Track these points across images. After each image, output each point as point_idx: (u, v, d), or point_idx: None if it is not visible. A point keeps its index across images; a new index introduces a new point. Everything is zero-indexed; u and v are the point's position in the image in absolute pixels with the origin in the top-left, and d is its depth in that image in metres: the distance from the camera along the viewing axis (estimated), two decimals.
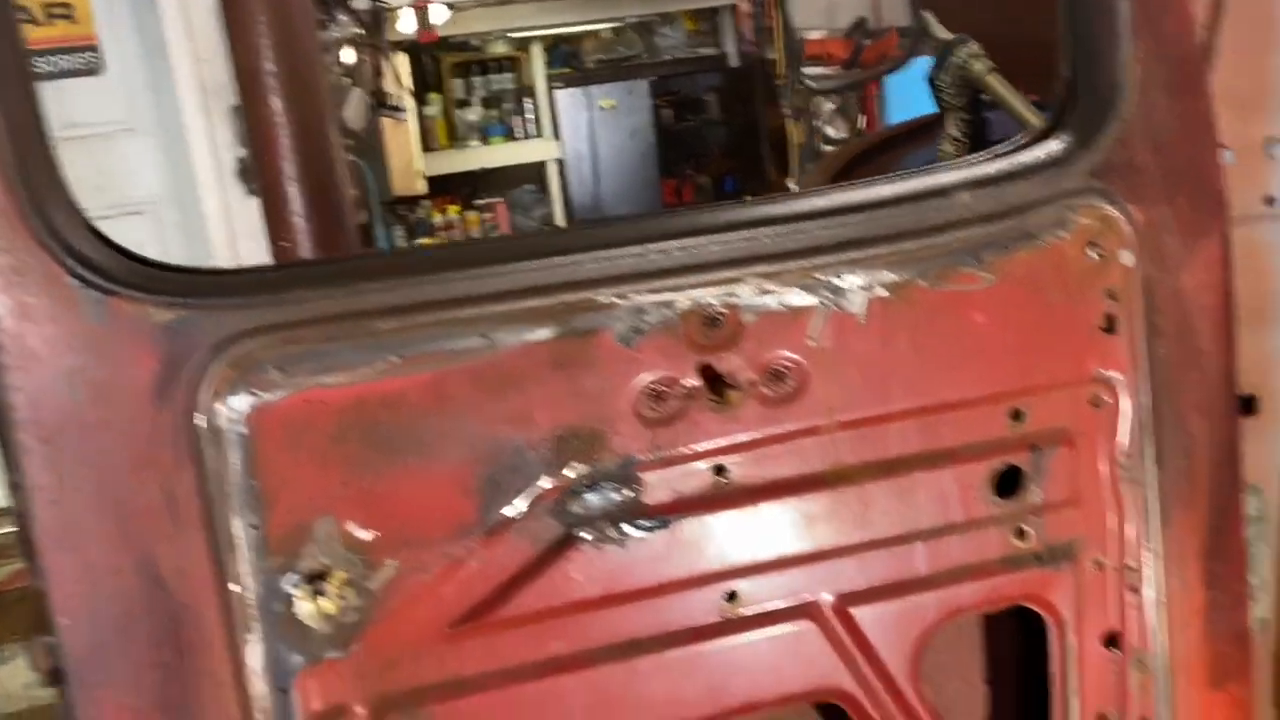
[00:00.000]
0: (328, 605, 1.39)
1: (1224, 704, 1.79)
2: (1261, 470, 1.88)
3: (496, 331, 1.40)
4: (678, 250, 1.44)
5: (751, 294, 1.47)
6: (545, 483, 1.45)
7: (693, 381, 1.48)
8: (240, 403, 1.33)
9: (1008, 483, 1.62)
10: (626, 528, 1.49)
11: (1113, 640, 1.72)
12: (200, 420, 1.31)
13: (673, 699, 1.56)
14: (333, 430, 1.37)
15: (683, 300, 1.46)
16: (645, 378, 1.46)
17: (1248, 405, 1.85)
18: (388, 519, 1.40)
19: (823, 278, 1.49)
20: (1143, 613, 1.71)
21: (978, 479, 1.60)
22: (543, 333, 1.42)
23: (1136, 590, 1.70)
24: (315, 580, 1.38)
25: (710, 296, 1.46)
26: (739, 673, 1.58)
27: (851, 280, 1.49)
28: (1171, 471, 1.66)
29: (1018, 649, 1.86)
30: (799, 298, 1.49)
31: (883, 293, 1.51)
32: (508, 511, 1.45)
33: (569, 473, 1.46)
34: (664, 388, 1.47)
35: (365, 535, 1.40)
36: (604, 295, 1.43)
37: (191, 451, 1.32)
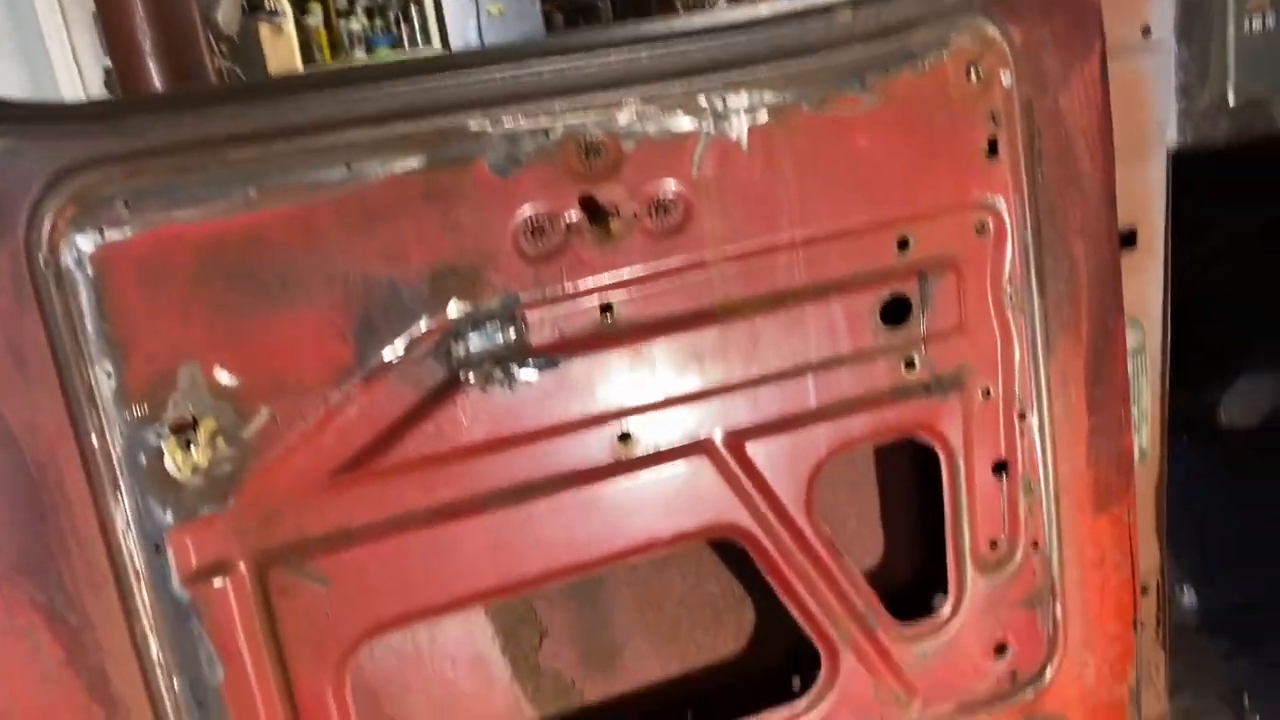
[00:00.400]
0: (198, 457, 1.32)
1: (1107, 526, 1.85)
2: (1141, 304, 1.91)
3: (362, 161, 1.33)
4: (552, 71, 1.37)
5: (631, 119, 1.42)
6: (425, 324, 1.39)
7: (574, 214, 1.43)
8: (85, 241, 1.23)
9: (895, 312, 1.62)
10: (513, 369, 1.45)
11: (1001, 468, 1.75)
12: (42, 260, 1.22)
13: (568, 542, 1.54)
14: (191, 270, 1.29)
15: (559, 126, 1.40)
16: (525, 210, 1.41)
17: (1127, 239, 1.89)
18: (257, 364, 1.34)
19: (704, 102, 1.45)
20: (1030, 439, 1.75)
21: (866, 309, 1.60)
22: (412, 162, 1.35)
23: (1024, 417, 1.73)
24: (183, 431, 1.31)
25: (588, 122, 1.40)
26: (635, 513, 1.56)
27: (733, 103, 1.45)
28: (1054, 296, 1.68)
29: (911, 482, 1.89)
30: (680, 122, 1.44)
31: (765, 117, 1.47)
32: (386, 355, 1.39)
33: (449, 313, 1.40)
34: (545, 221, 1.42)
35: (234, 382, 1.33)
36: (476, 121, 1.36)
37: (36, 295, 1.23)
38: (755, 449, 1.60)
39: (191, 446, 1.31)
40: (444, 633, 1.68)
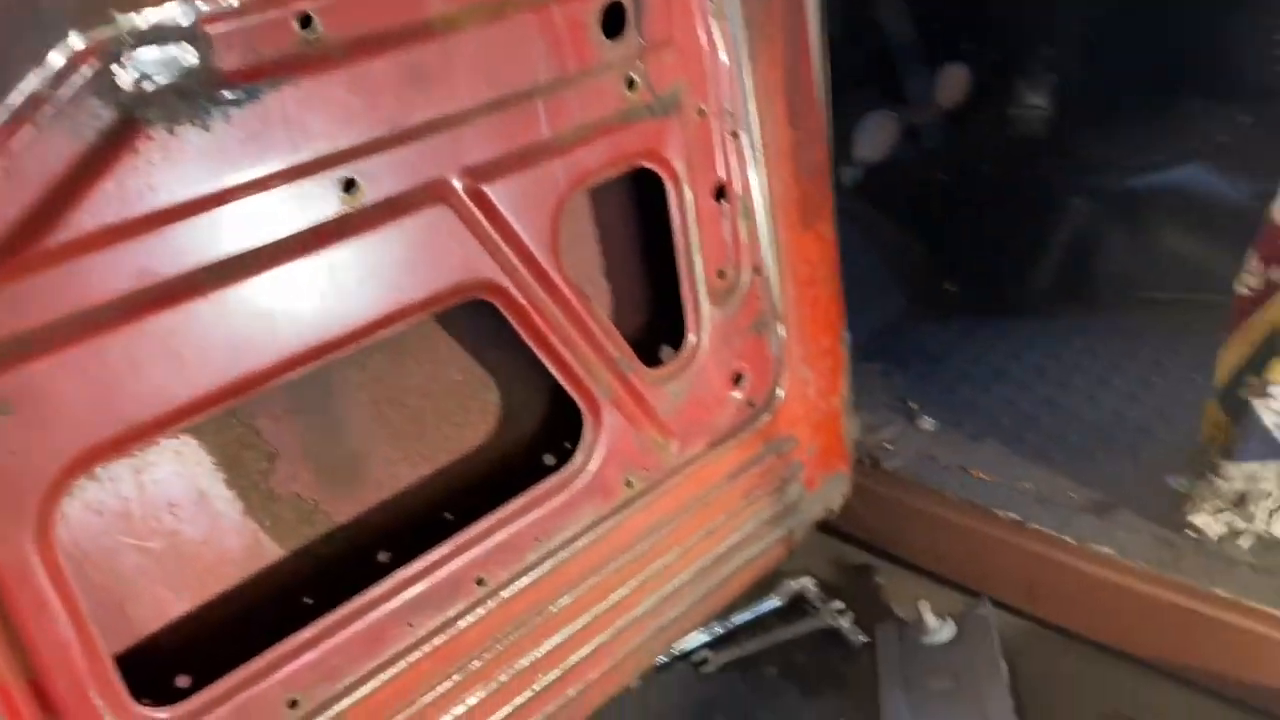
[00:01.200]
0: None
1: (814, 242, 1.91)
2: None
3: None
4: None
5: None
6: (76, 40, 1.05)
7: None
8: None
9: (613, 23, 1.50)
10: (203, 102, 1.14)
11: (721, 192, 1.73)
12: None
13: (305, 321, 1.28)
14: None
15: None
16: None
17: None
18: None
19: None
20: (743, 159, 1.73)
21: (586, 16, 1.45)
22: None
23: (736, 135, 1.70)
24: None
25: None
26: (378, 278, 1.33)
27: None
28: (752, 3, 1.65)
29: (628, 235, 1.81)
30: None
31: None
32: (26, 88, 1.03)
33: (107, 28, 1.07)
34: None
35: None
36: None
37: None
38: (495, 191, 1.42)
39: None
40: (153, 474, 1.36)
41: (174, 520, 1.38)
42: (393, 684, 1.49)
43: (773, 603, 2.30)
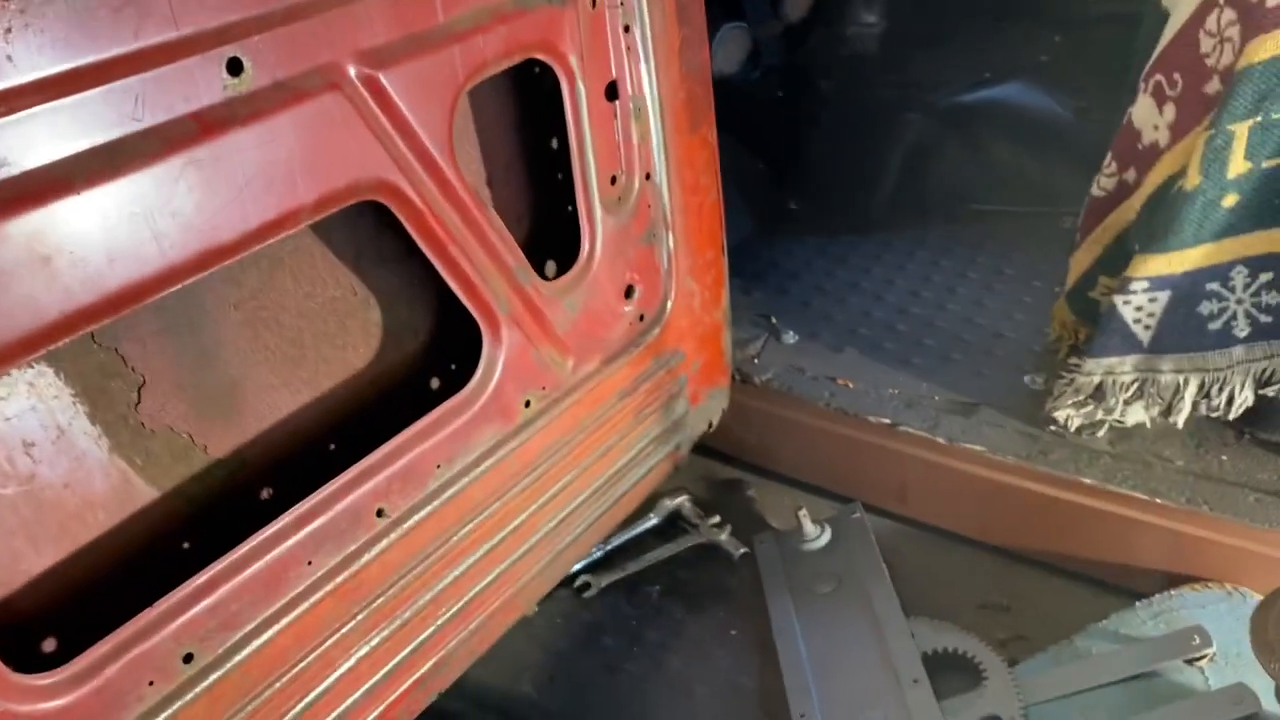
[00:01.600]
0: None
1: (699, 148, 1.85)
2: None
3: None
4: None
5: None
6: None
7: None
8: None
9: None
10: None
11: (613, 91, 1.64)
12: None
13: (181, 224, 1.11)
14: None
15: None
16: None
17: None
18: None
19: None
20: (635, 55, 1.64)
21: None
22: None
23: (629, 29, 1.62)
24: None
25: None
26: (263, 175, 1.17)
27: None
28: None
29: (511, 143, 1.70)
30: None
31: None
32: None
33: None
34: None
35: None
36: None
37: None
38: (391, 79, 1.28)
39: None
40: (3, 411, 1.16)
41: (30, 462, 1.19)
42: (294, 628, 1.36)
43: (650, 522, 2.27)
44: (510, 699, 1.94)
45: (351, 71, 1.24)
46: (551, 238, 1.75)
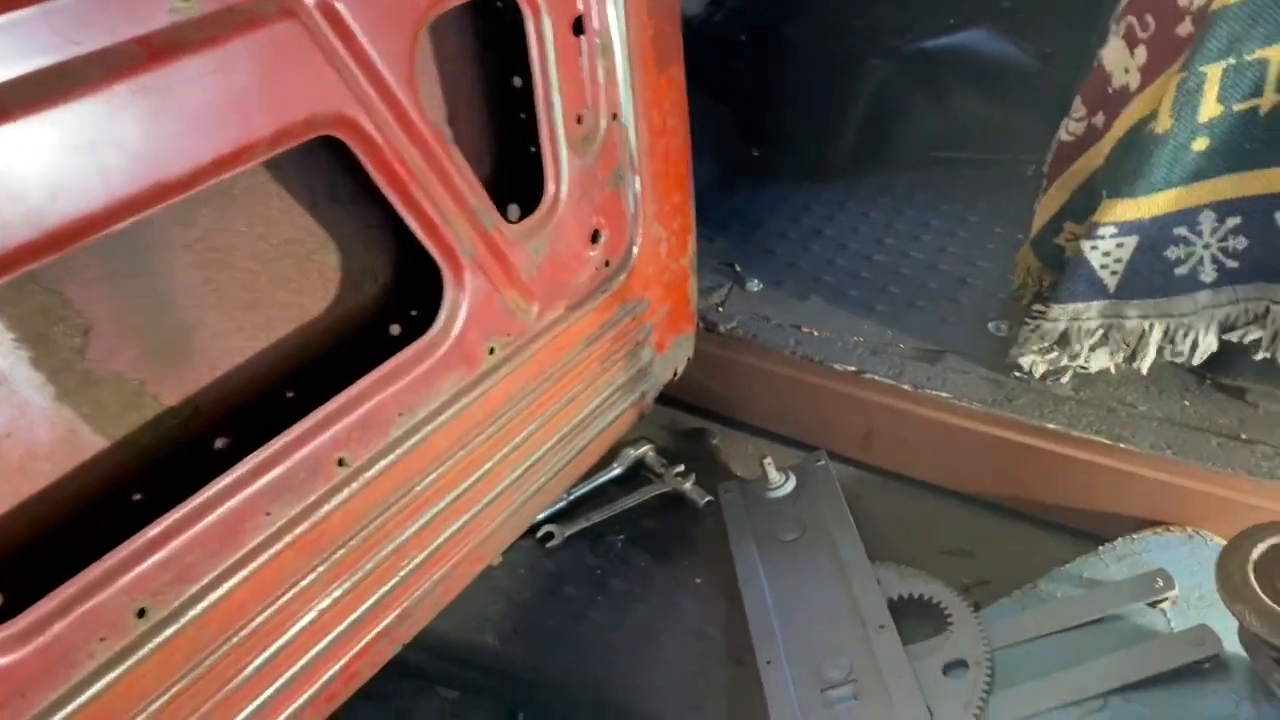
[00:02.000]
0: None
1: (667, 88, 1.80)
2: None
3: None
4: None
5: None
6: None
7: None
8: None
9: None
10: None
11: (579, 25, 1.58)
12: None
13: (128, 155, 1.05)
14: None
15: None
16: None
17: None
18: None
19: None
20: None
21: None
22: None
23: None
24: None
25: None
26: (215, 106, 1.11)
27: None
28: None
29: (473, 80, 1.64)
30: None
31: None
32: None
33: None
34: None
35: None
36: None
37: None
38: (350, 8, 1.21)
39: None
40: None
41: None
42: (251, 581, 1.31)
43: (614, 472, 2.25)
44: (473, 650, 1.92)
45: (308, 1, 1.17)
46: (515, 180, 1.69)
